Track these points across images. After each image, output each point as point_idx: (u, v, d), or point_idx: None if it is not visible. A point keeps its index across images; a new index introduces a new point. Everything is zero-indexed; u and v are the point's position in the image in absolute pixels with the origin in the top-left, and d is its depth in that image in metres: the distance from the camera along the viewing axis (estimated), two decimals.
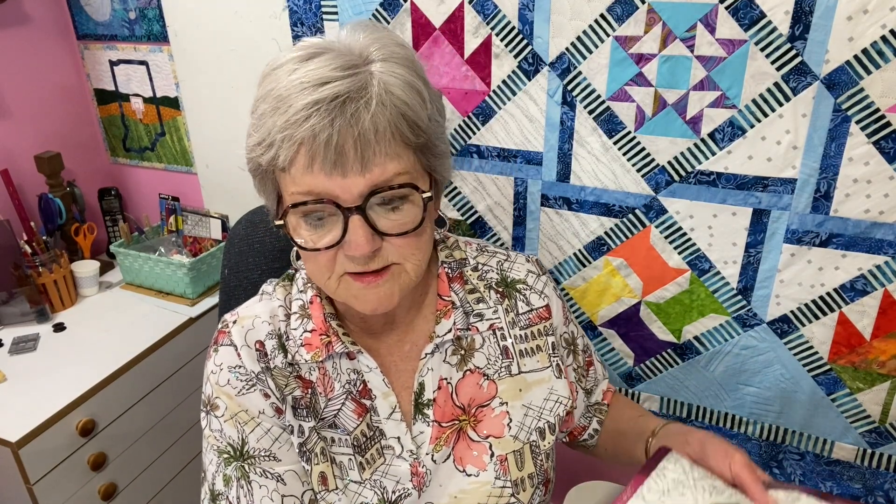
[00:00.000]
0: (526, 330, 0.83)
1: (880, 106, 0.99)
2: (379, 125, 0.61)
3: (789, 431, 1.26)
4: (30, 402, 1.28)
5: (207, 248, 1.65)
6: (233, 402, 0.75)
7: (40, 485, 1.24)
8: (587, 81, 1.16)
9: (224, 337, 0.77)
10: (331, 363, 0.77)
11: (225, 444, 0.75)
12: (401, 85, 0.63)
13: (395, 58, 0.65)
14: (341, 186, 0.62)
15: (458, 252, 0.84)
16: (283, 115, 0.61)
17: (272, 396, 0.76)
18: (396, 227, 0.66)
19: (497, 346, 0.81)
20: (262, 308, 0.79)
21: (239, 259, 1.05)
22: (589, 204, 1.25)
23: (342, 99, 0.60)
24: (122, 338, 1.47)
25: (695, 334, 1.27)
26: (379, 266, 0.67)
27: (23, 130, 1.67)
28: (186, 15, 1.52)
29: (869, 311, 1.11)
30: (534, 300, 0.84)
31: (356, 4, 1.28)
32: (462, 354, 0.80)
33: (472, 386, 0.80)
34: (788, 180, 1.09)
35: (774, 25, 1.01)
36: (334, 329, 0.76)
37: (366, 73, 0.62)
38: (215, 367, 0.76)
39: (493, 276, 0.84)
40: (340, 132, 0.60)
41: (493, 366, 0.81)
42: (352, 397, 0.77)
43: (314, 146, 0.60)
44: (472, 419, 0.80)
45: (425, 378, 0.78)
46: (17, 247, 1.51)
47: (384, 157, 0.62)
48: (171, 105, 1.70)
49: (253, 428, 0.75)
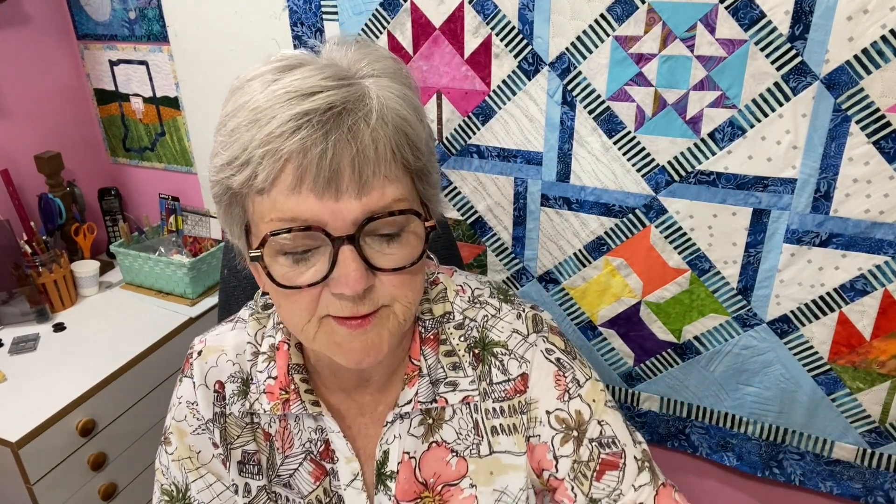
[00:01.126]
0: (500, 404, 0.69)
1: (880, 106, 0.99)
2: (379, 143, 0.53)
3: (789, 431, 1.26)
4: (30, 402, 1.28)
5: (207, 248, 1.65)
6: (183, 443, 0.71)
7: (40, 485, 1.24)
8: (587, 81, 1.16)
9: (188, 368, 0.72)
10: (293, 418, 0.70)
11: (169, 483, 0.72)
12: (399, 101, 0.55)
13: (389, 73, 0.57)
14: (333, 211, 0.52)
15: (440, 306, 0.71)
16: (264, 128, 0.52)
17: (220, 447, 0.71)
18: (393, 261, 0.56)
19: (469, 419, 0.69)
20: (232, 341, 0.72)
21: (239, 259, 1.05)
22: (589, 204, 1.25)
23: (338, 110, 0.52)
24: (122, 338, 1.47)
25: (695, 334, 1.27)
26: (369, 310, 0.56)
27: (23, 130, 1.67)
28: (186, 15, 1.52)
29: (869, 311, 1.11)
30: (511, 367, 0.69)
31: (356, 4, 1.28)
32: (429, 425, 0.69)
33: (439, 461, 0.69)
34: (788, 180, 1.09)
35: (774, 25, 1.01)
36: (296, 385, 0.68)
37: (360, 85, 0.54)
38: (176, 400, 0.72)
39: (474, 335, 0.70)
40: (336, 147, 0.51)
41: (463, 442, 0.69)
42: (311, 458, 0.70)
43: (304, 162, 0.51)
44: (438, 498, 0.70)
45: (390, 447, 0.69)
46: (17, 247, 1.50)
47: (383, 180, 0.53)
48: (171, 105, 1.70)
49: (196, 478, 0.71)
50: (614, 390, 1.40)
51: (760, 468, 1.32)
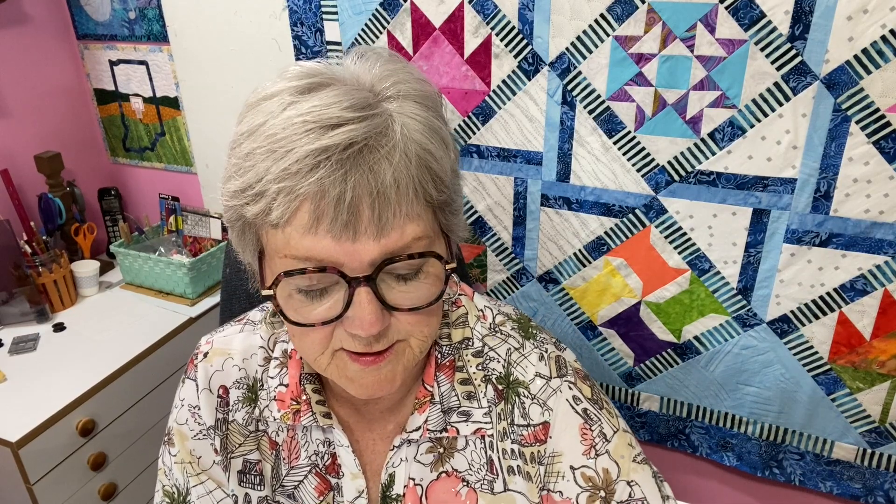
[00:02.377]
0: (517, 447, 0.66)
1: (880, 106, 0.99)
2: (401, 182, 0.50)
3: (789, 431, 1.26)
4: (30, 402, 1.28)
5: (207, 247, 1.65)
6: (185, 448, 0.71)
7: (40, 485, 1.24)
8: (587, 81, 1.16)
9: (192, 369, 0.71)
10: (301, 428, 0.68)
11: (171, 484, 0.72)
12: (424, 130, 0.52)
13: (415, 95, 0.53)
14: (350, 253, 0.50)
15: (459, 331, 0.68)
16: (280, 161, 0.49)
17: (220, 455, 0.70)
18: (410, 300, 0.54)
19: (483, 453, 0.66)
20: (240, 344, 0.71)
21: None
22: (589, 204, 1.25)
23: (358, 147, 0.49)
24: (122, 338, 1.47)
25: (695, 334, 1.27)
26: (383, 347, 0.55)
27: (23, 130, 1.67)
28: (186, 15, 1.52)
29: (869, 310, 1.11)
30: (533, 413, 0.65)
31: (356, 4, 1.28)
32: (440, 453, 0.66)
33: (447, 492, 0.66)
34: (788, 180, 1.09)
35: (774, 25, 1.01)
36: (308, 395, 0.66)
37: (384, 116, 0.51)
38: (179, 401, 0.71)
39: (497, 368, 0.67)
40: (356, 189, 0.48)
41: (475, 473, 0.66)
42: (316, 471, 0.68)
43: (322, 204, 0.49)
44: None
45: (396, 469, 0.66)
46: (17, 247, 1.50)
47: (403, 219, 0.51)
48: (170, 105, 1.70)
49: (196, 484, 0.71)
50: (614, 390, 1.40)
51: (760, 468, 1.32)
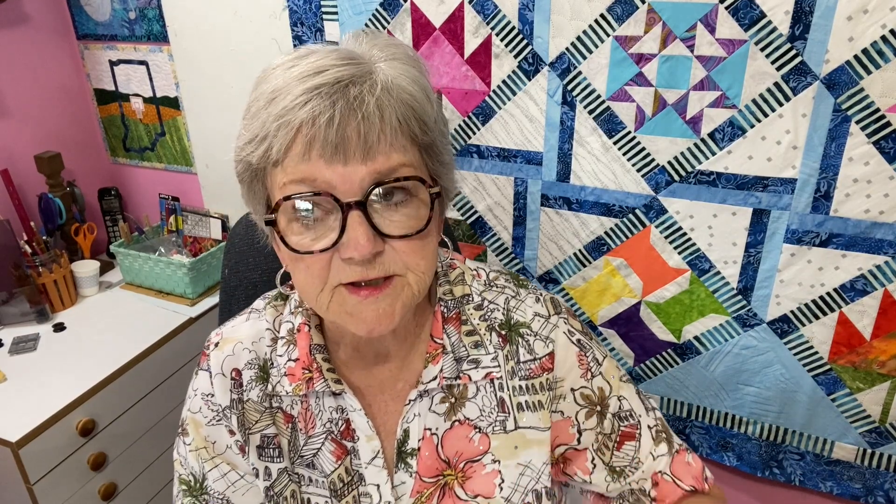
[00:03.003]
0: (526, 381, 0.72)
1: (880, 106, 0.99)
2: (385, 111, 0.56)
3: (789, 431, 1.26)
4: (30, 402, 1.28)
5: (207, 248, 1.65)
6: (199, 435, 0.73)
7: (40, 485, 1.24)
8: (587, 81, 1.16)
9: (204, 360, 0.74)
10: (314, 398, 0.72)
11: (187, 473, 0.74)
12: (407, 80, 0.59)
13: (401, 58, 0.60)
14: (341, 176, 0.56)
15: (459, 287, 0.74)
16: (279, 104, 0.56)
17: (236, 434, 0.72)
18: (400, 227, 0.58)
19: (493, 396, 0.71)
20: (248, 330, 0.74)
21: (239, 259, 1.05)
22: (589, 204, 1.25)
23: (345, 82, 0.55)
24: (122, 338, 1.47)
25: (695, 334, 1.27)
26: (379, 274, 0.59)
27: (23, 130, 1.67)
28: (186, 15, 1.52)
29: (869, 311, 1.11)
30: (537, 347, 0.72)
31: (356, 4, 1.28)
32: (452, 403, 0.71)
33: (461, 439, 0.71)
34: (788, 180, 1.09)
35: (774, 25, 1.01)
36: (318, 364, 0.70)
37: (370, 65, 0.58)
38: (192, 392, 0.74)
39: (498, 317, 0.73)
40: (343, 113, 0.55)
41: (486, 418, 0.71)
42: (332, 437, 0.72)
43: (313, 129, 0.55)
44: (461, 475, 0.72)
45: (410, 425, 0.71)
46: (17, 247, 1.51)
47: (389, 147, 0.56)
48: (170, 105, 1.70)
49: (211, 468, 0.73)
50: None
51: (760, 468, 1.32)
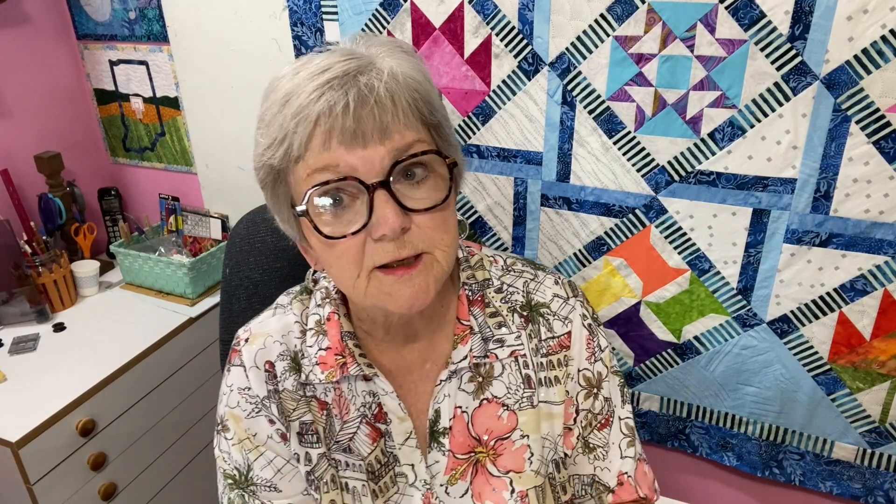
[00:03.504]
0: (546, 358, 0.76)
1: (880, 106, 0.99)
2: (395, 95, 0.60)
3: (789, 431, 1.26)
4: (30, 402, 1.28)
5: (207, 248, 1.65)
6: (240, 427, 0.75)
7: (40, 485, 1.24)
8: (587, 81, 1.16)
9: (236, 356, 0.76)
10: (346, 384, 0.74)
11: (231, 467, 0.76)
12: (409, 67, 0.63)
13: (399, 55, 0.64)
14: (362, 159, 0.59)
15: (480, 272, 0.78)
16: (294, 104, 0.60)
17: (277, 423, 0.74)
18: (424, 201, 0.62)
19: (519, 374, 0.75)
20: (276, 324, 0.77)
21: (240, 258, 1.05)
22: (589, 204, 1.25)
23: (353, 73, 0.59)
24: (122, 338, 1.47)
25: (695, 334, 1.27)
26: (409, 252, 0.62)
27: (23, 130, 1.67)
28: (186, 15, 1.52)
29: (869, 310, 1.11)
30: (556, 326, 0.77)
31: (356, 4, 1.28)
32: (479, 382, 0.75)
33: (490, 416, 0.75)
34: (788, 180, 1.09)
35: (774, 25, 1.01)
36: (350, 349, 0.73)
37: (371, 58, 0.62)
38: (226, 388, 0.76)
39: (518, 299, 0.77)
40: (356, 100, 0.58)
41: (513, 395, 0.75)
42: (366, 421, 0.74)
43: (330, 119, 0.58)
44: (492, 452, 0.75)
45: (441, 405, 0.74)
46: (17, 247, 1.50)
47: (402, 126, 0.60)
48: (170, 105, 1.70)
49: (257, 457, 0.75)
50: None
51: (760, 468, 1.32)
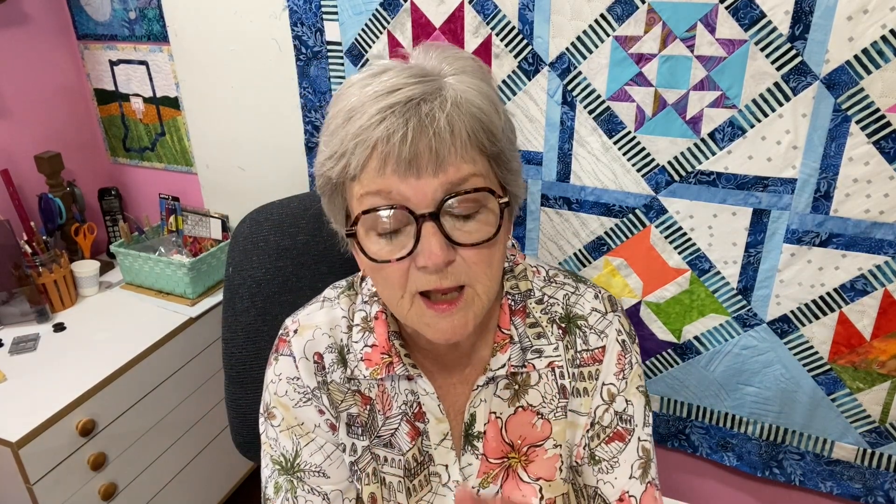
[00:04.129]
0: (579, 369, 0.77)
1: (880, 106, 0.99)
2: (454, 126, 0.60)
3: (789, 431, 1.26)
4: (30, 402, 1.28)
5: (207, 248, 1.65)
6: (289, 414, 0.76)
7: (40, 485, 1.24)
8: (587, 81, 1.16)
9: (284, 346, 0.77)
10: (390, 382, 0.76)
11: (279, 453, 0.76)
12: (475, 94, 0.62)
13: (469, 71, 0.64)
14: (415, 189, 0.59)
15: (523, 283, 0.79)
16: (355, 123, 0.60)
17: (326, 413, 0.76)
18: (471, 236, 0.62)
19: (555, 384, 0.77)
20: (324, 317, 0.78)
21: (243, 258, 1.05)
22: (589, 204, 1.25)
23: (416, 101, 0.59)
24: (122, 338, 1.47)
25: (695, 334, 1.27)
26: (451, 284, 0.63)
27: (23, 130, 1.67)
28: (186, 15, 1.52)
29: (869, 311, 1.11)
30: (592, 340, 0.77)
31: (356, 4, 1.29)
32: (515, 390, 0.76)
33: (525, 424, 0.77)
34: (788, 180, 1.09)
35: (774, 25, 1.01)
36: (397, 349, 0.74)
37: (440, 80, 0.62)
38: (275, 377, 0.76)
39: (558, 311, 0.78)
40: (415, 130, 0.58)
41: (548, 405, 0.77)
42: (407, 419, 0.76)
43: (388, 147, 0.59)
44: (524, 458, 0.77)
45: (477, 409, 0.76)
46: (17, 247, 1.50)
47: (459, 159, 0.60)
48: (171, 105, 1.70)
49: (307, 442, 0.76)
50: None
51: (760, 468, 1.32)
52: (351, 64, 1.35)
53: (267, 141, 1.56)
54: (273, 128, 1.53)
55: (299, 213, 1.09)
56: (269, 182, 1.60)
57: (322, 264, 1.09)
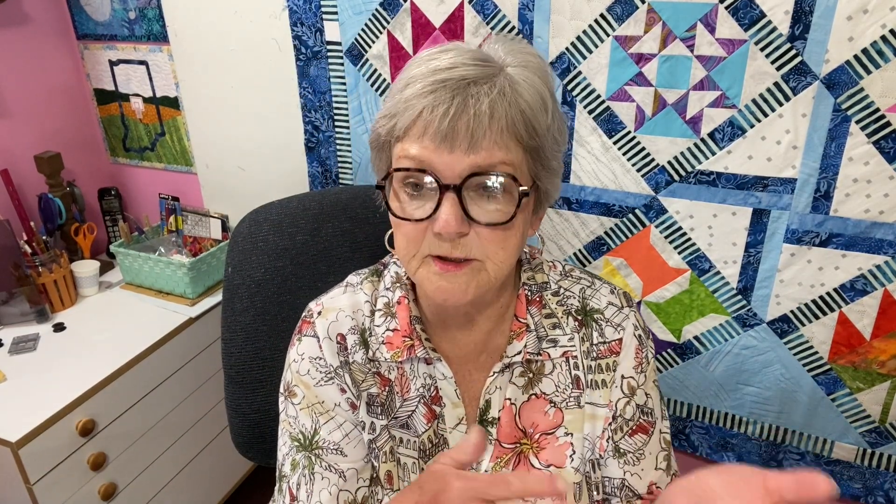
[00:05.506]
0: (595, 362, 0.80)
1: (880, 106, 0.99)
2: (496, 112, 0.63)
3: (789, 431, 1.26)
4: (30, 402, 1.28)
5: (207, 247, 1.65)
6: (310, 392, 0.78)
7: (40, 485, 1.24)
8: (587, 81, 1.16)
9: (308, 327, 0.79)
10: (409, 365, 0.78)
11: (298, 431, 0.78)
12: (526, 87, 0.65)
13: (530, 67, 0.66)
14: (445, 162, 0.63)
15: (540, 275, 0.82)
16: (410, 90, 0.64)
17: (348, 391, 0.78)
18: (487, 216, 0.65)
19: (569, 374, 0.79)
20: (347, 301, 0.80)
21: (243, 257, 1.05)
22: (589, 204, 1.25)
23: (468, 82, 0.63)
24: (122, 338, 1.47)
25: (695, 334, 1.27)
26: (461, 256, 0.66)
27: (23, 130, 1.67)
28: (186, 15, 1.52)
29: (869, 310, 1.11)
30: (608, 332, 0.80)
31: (356, 4, 1.28)
32: (530, 378, 0.79)
33: (537, 411, 0.79)
34: (788, 180, 1.09)
35: (774, 25, 1.01)
36: (418, 333, 0.77)
37: (498, 68, 0.65)
38: (297, 356, 0.79)
39: (574, 303, 0.81)
40: (457, 108, 0.62)
41: (561, 394, 0.79)
42: (424, 402, 0.78)
43: (430, 117, 0.63)
44: (535, 445, 0.79)
45: (492, 396, 0.78)
46: (17, 247, 1.50)
47: (493, 144, 0.63)
48: (170, 105, 1.70)
49: (326, 420, 0.77)
50: None
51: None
52: (351, 64, 1.35)
53: (267, 141, 1.56)
54: (273, 128, 1.53)
55: (299, 213, 1.09)
56: (268, 182, 1.60)
57: (321, 264, 1.09)
